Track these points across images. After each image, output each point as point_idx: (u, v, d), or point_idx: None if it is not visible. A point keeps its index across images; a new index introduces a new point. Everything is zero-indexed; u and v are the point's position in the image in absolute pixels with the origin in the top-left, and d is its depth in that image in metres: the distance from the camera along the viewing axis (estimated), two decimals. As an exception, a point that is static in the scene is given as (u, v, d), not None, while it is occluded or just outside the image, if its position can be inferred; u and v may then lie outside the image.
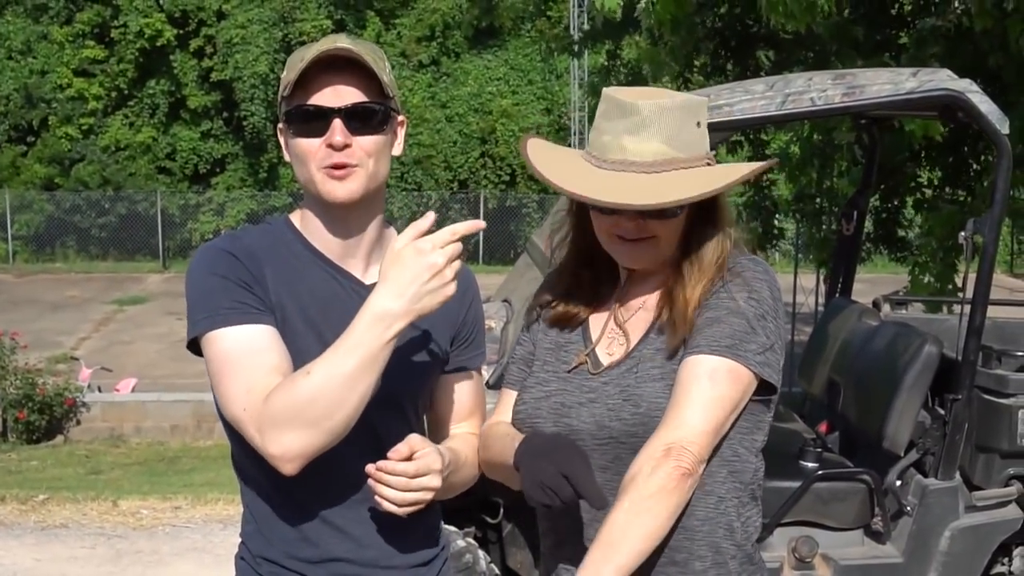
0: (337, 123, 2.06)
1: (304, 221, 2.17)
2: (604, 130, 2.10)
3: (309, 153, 2.08)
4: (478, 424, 2.37)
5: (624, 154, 2.07)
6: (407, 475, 1.99)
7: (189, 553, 6.92)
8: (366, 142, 2.08)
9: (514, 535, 4.86)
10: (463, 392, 2.34)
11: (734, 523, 2.13)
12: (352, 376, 1.94)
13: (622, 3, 7.77)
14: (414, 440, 2.02)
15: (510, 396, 2.31)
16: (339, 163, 2.07)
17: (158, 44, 28.97)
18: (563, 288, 2.28)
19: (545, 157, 2.19)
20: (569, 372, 2.20)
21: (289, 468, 1.98)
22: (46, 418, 13.61)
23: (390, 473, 1.99)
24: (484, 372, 2.69)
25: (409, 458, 2.00)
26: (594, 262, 2.24)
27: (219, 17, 29.35)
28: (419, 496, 2.01)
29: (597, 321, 2.25)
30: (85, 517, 7.89)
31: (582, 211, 2.20)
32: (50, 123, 29.57)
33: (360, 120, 2.09)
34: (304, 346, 2.06)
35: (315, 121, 2.07)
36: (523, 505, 4.70)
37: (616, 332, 2.21)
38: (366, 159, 2.09)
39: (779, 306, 2.13)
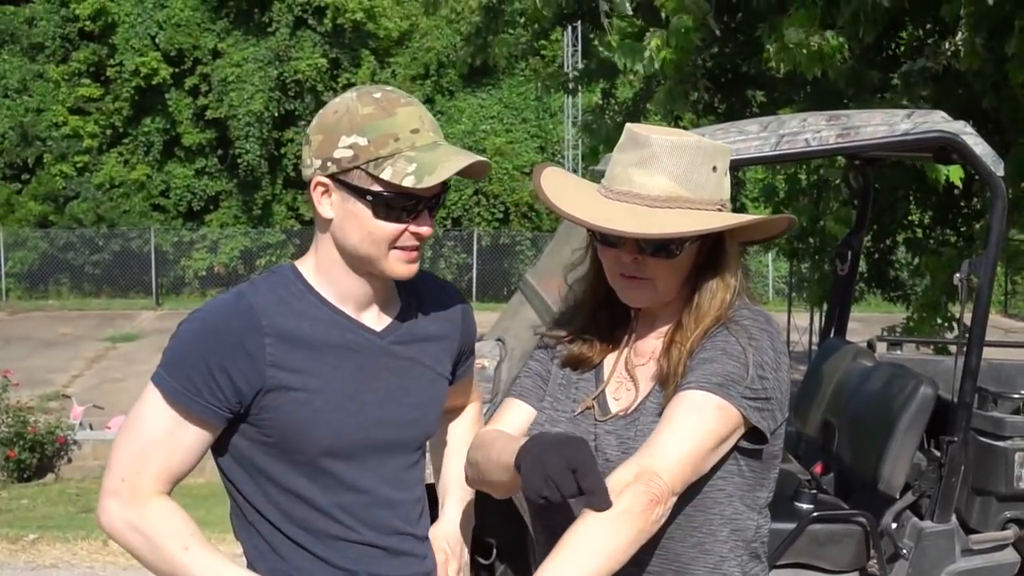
0: (425, 211, 2.07)
1: (320, 275, 2.13)
2: (616, 162, 2.10)
3: (391, 235, 2.06)
4: (477, 394, 2.54)
5: (630, 186, 2.05)
6: None
7: (179, 594, 6.85)
8: (431, 223, 2.11)
9: (507, 576, 4.82)
10: (464, 390, 2.47)
11: None
12: None
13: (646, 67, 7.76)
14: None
15: (516, 406, 2.26)
16: (417, 247, 2.10)
17: (153, 82, 29.02)
18: (579, 327, 2.24)
19: (556, 183, 2.17)
20: (577, 415, 2.17)
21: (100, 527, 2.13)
22: (37, 456, 13.54)
23: None
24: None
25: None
26: (611, 303, 2.20)
27: (214, 56, 29.45)
28: None
29: (609, 363, 2.21)
30: (75, 556, 7.83)
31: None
32: (45, 161, 29.57)
33: (436, 204, 2.11)
34: (313, 407, 2.07)
35: (402, 206, 2.05)
36: (516, 545, 4.66)
37: (625, 377, 2.18)
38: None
39: (781, 361, 2.07)
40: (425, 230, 2.07)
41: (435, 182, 2.00)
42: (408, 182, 2.00)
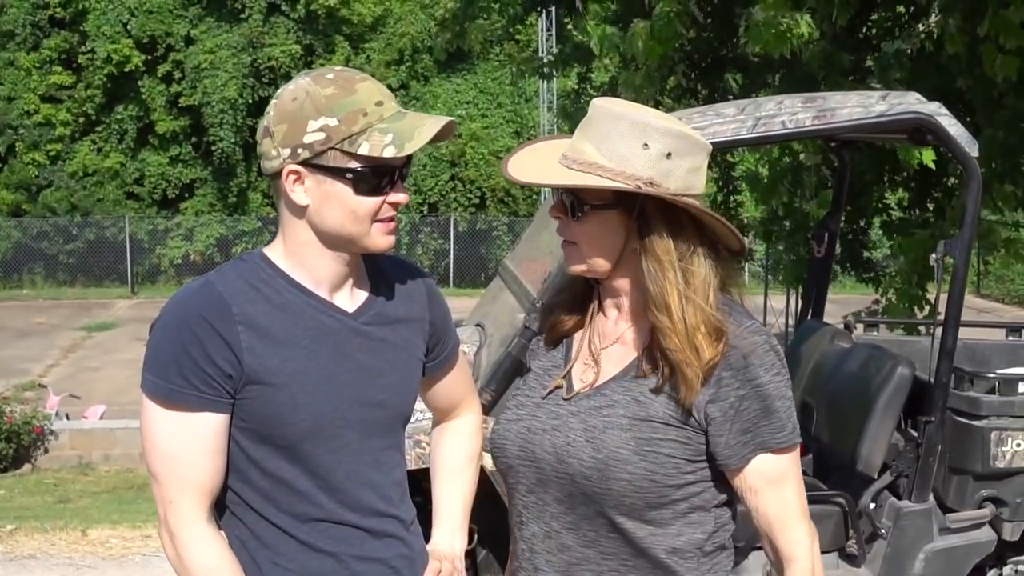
0: (398, 181, 2.10)
1: (291, 257, 2.13)
2: None
3: (372, 210, 2.07)
4: (473, 401, 2.49)
5: (570, 150, 2.10)
6: None
7: (159, 583, 6.85)
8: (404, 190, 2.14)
9: (488, 561, 4.83)
10: (453, 381, 2.42)
11: (692, 574, 2.12)
12: None
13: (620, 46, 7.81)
14: None
15: None
16: (395, 217, 2.11)
17: (126, 70, 28.82)
18: (561, 302, 2.29)
19: (533, 150, 2.22)
20: (544, 397, 2.19)
21: None
22: (13, 447, 13.46)
23: None
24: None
25: None
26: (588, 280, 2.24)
27: (187, 42, 29.27)
28: None
29: (576, 341, 2.24)
30: (54, 547, 7.80)
31: None
32: (17, 149, 29.35)
33: (404, 172, 2.12)
34: (291, 392, 2.07)
35: (381, 178, 2.07)
36: (497, 530, 4.66)
37: (589, 358, 2.19)
38: None
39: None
40: (402, 197, 2.10)
41: (416, 148, 2.02)
42: (388, 152, 2.02)
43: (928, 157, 7.42)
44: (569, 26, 11.82)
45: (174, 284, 27.70)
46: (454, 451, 2.43)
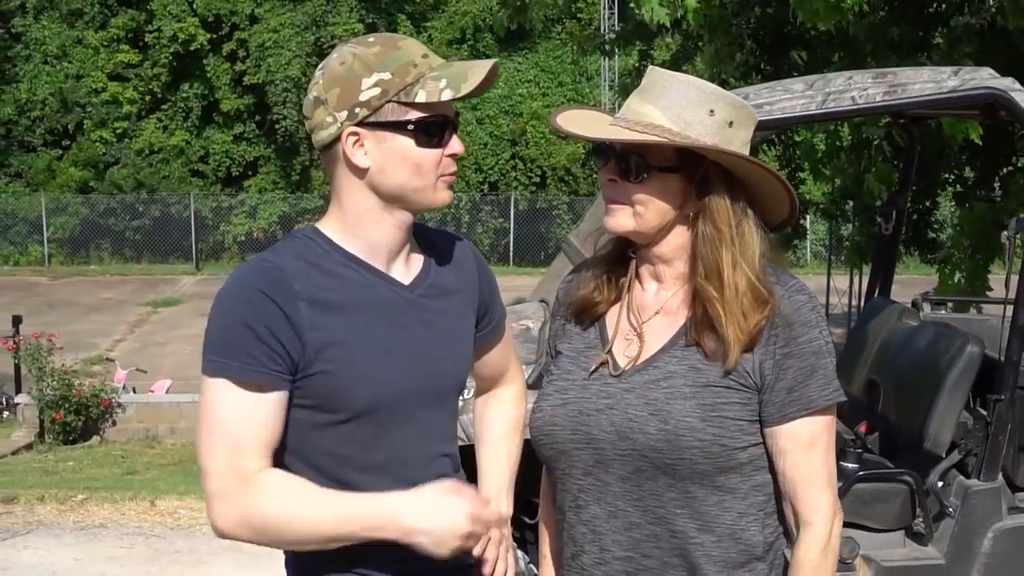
0: (454, 132, 2.12)
1: (348, 231, 2.13)
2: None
3: (434, 163, 2.09)
4: (517, 372, 2.49)
5: (626, 112, 2.11)
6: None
7: (226, 553, 6.95)
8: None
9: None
10: (500, 352, 2.43)
11: (755, 537, 2.13)
12: (326, 538, 2.02)
13: (669, 13, 7.80)
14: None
15: None
16: (455, 172, 2.14)
17: (191, 48, 29.16)
18: (590, 279, 2.26)
19: (583, 114, 2.22)
20: (589, 377, 2.18)
21: (218, 535, 2.08)
22: (82, 419, 13.62)
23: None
24: (524, 370, 2.72)
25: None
26: (624, 254, 2.23)
27: (252, 21, 29.51)
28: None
29: (612, 319, 2.22)
30: (123, 517, 7.96)
31: None
32: (85, 127, 29.81)
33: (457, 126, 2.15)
34: (353, 365, 2.06)
35: (437, 131, 2.08)
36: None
37: (630, 332, 2.18)
38: None
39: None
40: (460, 148, 2.12)
41: (472, 87, 2.04)
42: (446, 95, 2.03)
43: (975, 133, 7.31)
44: (631, 4, 11.78)
45: (237, 261, 28.00)
46: (499, 419, 2.43)
